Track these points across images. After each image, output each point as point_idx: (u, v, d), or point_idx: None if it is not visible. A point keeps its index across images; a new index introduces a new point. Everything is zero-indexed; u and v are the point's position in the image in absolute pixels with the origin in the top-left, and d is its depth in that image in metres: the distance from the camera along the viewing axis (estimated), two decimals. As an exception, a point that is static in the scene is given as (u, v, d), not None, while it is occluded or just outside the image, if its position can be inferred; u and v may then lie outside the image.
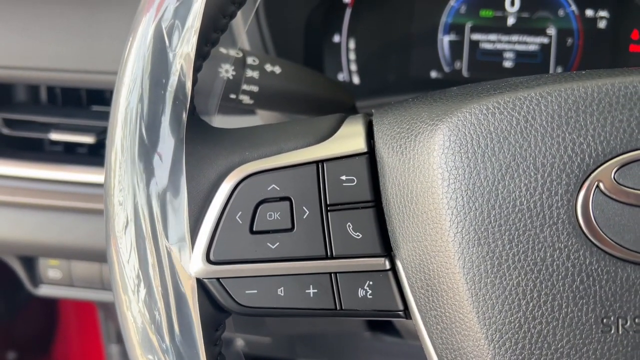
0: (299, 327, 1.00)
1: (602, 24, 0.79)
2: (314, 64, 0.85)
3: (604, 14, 0.79)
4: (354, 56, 0.86)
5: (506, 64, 0.82)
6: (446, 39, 0.84)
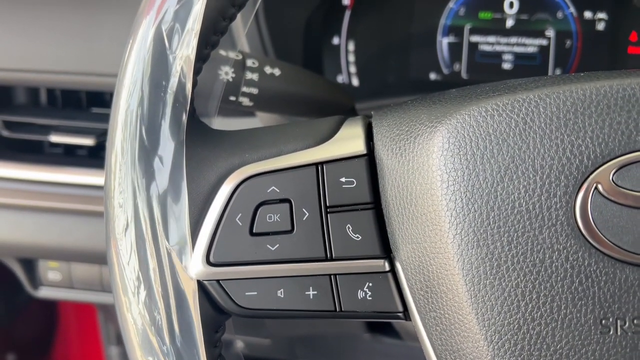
0: (299, 329, 1.00)
1: (601, 26, 0.79)
2: (313, 66, 0.85)
3: (602, 16, 0.79)
4: (353, 58, 0.86)
5: (505, 65, 0.82)
6: (445, 41, 0.84)
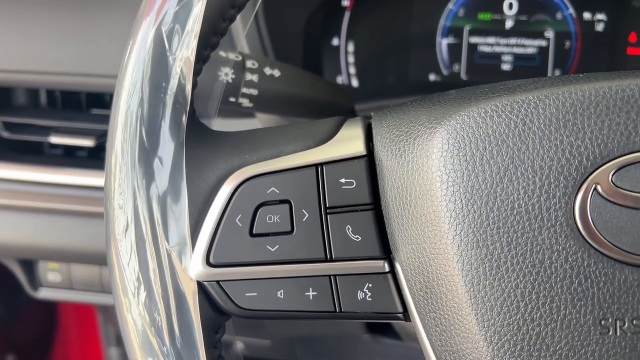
0: (299, 330, 1.00)
1: (600, 27, 0.79)
2: (313, 67, 0.86)
3: (601, 17, 0.79)
4: (352, 59, 0.86)
5: (504, 66, 0.82)
6: (444, 42, 0.84)
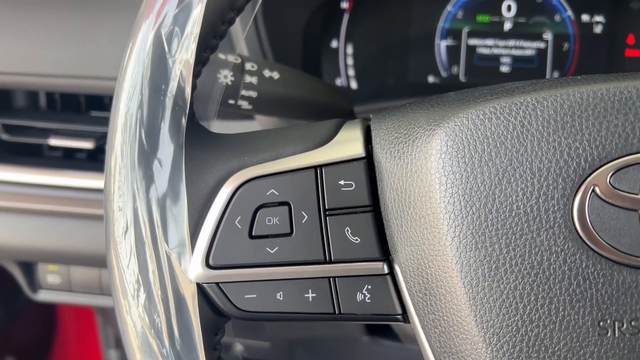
0: (298, 332, 1.00)
1: (598, 29, 0.79)
2: (312, 69, 0.86)
3: (599, 19, 0.79)
4: (351, 61, 0.86)
5: (503, 68, 0.82)
6: (443, 44, 0.84)
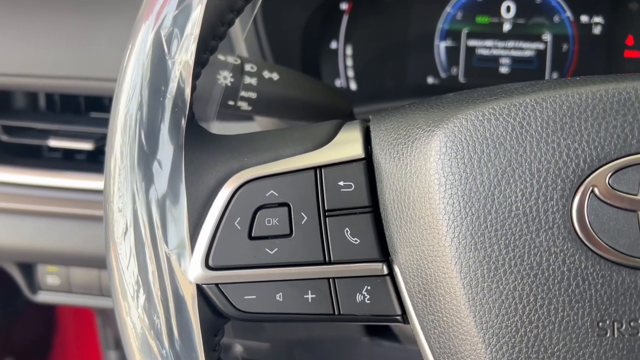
0: (298, 333, 1.00)
1: (597, 30, 0.79)
2: (311, 70, 0.86)
3: (599, 20, 0.79)
4: (351, 62, 0.87)
5: (502, 69, 0.82)
6: (442, 45, 0.84)
